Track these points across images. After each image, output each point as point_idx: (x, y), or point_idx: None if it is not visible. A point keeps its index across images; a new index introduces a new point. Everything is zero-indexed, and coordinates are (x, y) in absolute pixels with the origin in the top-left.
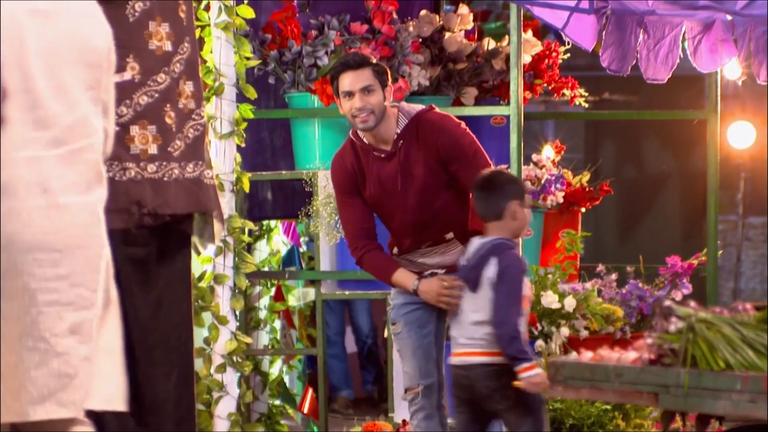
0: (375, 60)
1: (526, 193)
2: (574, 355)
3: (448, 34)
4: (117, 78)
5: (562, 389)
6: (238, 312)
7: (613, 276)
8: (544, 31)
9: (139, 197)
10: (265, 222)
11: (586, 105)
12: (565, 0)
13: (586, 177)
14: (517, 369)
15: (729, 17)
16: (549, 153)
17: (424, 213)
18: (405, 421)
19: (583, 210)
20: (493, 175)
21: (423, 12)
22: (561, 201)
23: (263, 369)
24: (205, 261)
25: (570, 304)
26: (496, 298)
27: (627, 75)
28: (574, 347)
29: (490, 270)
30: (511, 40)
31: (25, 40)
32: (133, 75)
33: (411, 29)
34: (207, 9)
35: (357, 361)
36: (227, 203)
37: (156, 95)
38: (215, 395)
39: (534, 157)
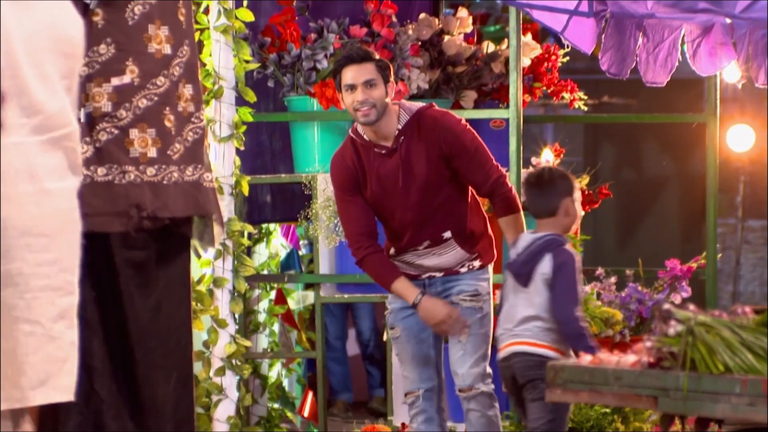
0: (378, 56)
1: (576, 188)
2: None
3: (447, 37)
4: (116, 81)
5: (561, 392)
6: (237, 315)
7: (613, 279)
8: (543, 35)
9: (139, 200)
10: (265, 225)
11: (585, 108)
12: (565, 3)
13: (585, 180)
14: None
15: (728, 20)
16: (548, 156)
17: (424, 209)
18: (404, 425)
19: (583, 213)
20: (545, 172)
21: (422, 15)
22: None
23: (262, 372)
24: (205, 264)
25: None
26: (555, 295)
27: (626, 78)
28: None
29: (544, 266)
30: (511, 43)
31: (10, 28)
32: (133, 78)
33: (410, 32)
34: (206, 12)
35: (359, 364)
36: (226, 206)
37: (155, 98)
38: (214, 398)
39: (533, 161)
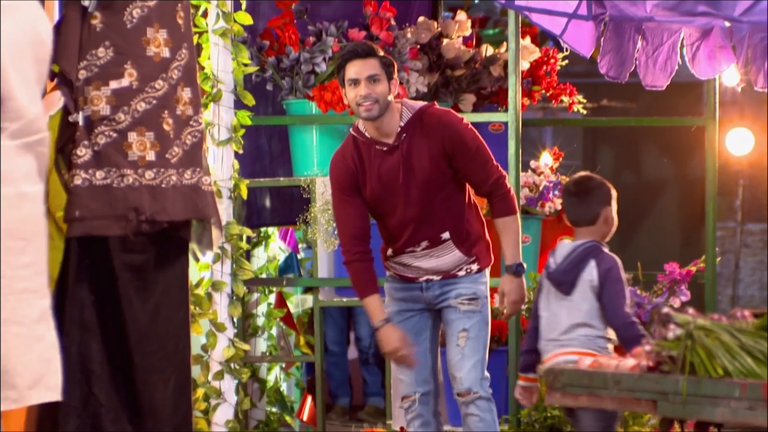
0: (382, 52)
1: (614, 197)
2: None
3: (446, 40)
4: (115, 84)
5: (560, 396)
6: (235, 319)
7: None
8: (542, 38)
9: (137, 204)
10: (263, 229)
11: (584, 111)
12: (563, 6)
13: None
14: None
15: (727, 24)
16: (547, 159)
17: (424, 207)
18: (402, 429)
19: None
20: (584, 180)
21: (421, 18)
22: (559, 208)
23: (261, 376)
24: (203, 268)
25: None
26: (608, 302)
27: (625, 81)
28: None
29: (589, 273)
30: (510, 46)
31: None
32: (131, 81)
33: (409, 36)
34: (205, 15)
35: (358, 368)
36: (225, 210)
37: (154, 102)
38: (213, 402)
39: (532, 164)
